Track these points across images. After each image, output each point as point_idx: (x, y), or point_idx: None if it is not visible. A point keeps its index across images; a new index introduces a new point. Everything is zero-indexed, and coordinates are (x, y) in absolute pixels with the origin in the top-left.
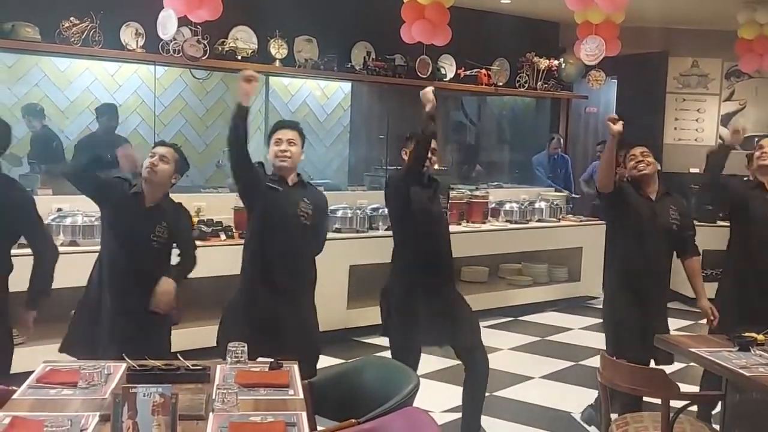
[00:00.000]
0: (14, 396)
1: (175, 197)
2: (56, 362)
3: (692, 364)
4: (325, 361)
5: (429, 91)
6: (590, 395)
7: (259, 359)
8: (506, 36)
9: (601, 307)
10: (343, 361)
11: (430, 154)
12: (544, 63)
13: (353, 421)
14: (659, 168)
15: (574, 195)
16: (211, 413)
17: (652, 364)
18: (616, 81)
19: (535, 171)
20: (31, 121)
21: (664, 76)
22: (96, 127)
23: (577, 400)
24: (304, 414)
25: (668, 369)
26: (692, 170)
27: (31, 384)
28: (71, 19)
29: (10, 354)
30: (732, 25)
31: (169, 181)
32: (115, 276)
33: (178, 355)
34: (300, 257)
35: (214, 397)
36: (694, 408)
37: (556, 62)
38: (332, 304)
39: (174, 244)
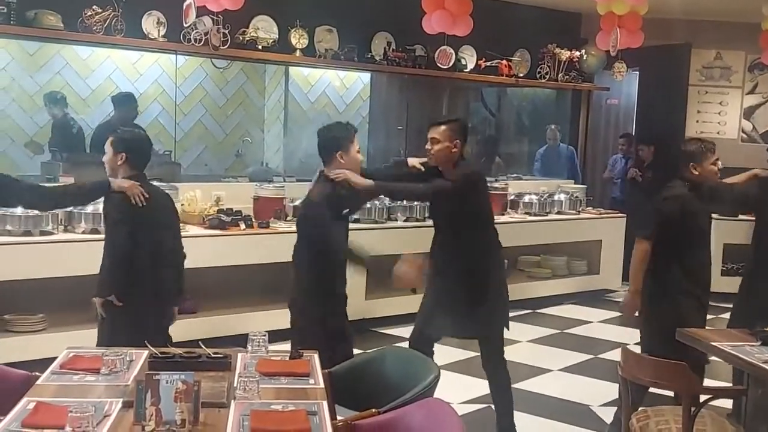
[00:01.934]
0: (38, 382)
1: (195, 185)
2: (79, 348)
3: (713, 359)
4: None
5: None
6: (609, 388)
7: (278, 348)
8: (527, 27)
9: (621, 300)
10: (361, 351)
11: (429, 145)
12: (565, 54)
13: (374, 411)
14: None
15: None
16: (233, 401)
17: None
18: (638, 73)
19: (534, 163)
20: (52, 108)
21: (686, 68)
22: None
23: (595, 392)
24: (324, 403)
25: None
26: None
27: (54, 370)
28: (93, 7)
29: None
30: (756, 17)
31: (115, 166)
32: None
33: (200, 342)
34: None
35: (235, 385)
36: (717, 403)
37: (577, 53)
38: (351, 294)
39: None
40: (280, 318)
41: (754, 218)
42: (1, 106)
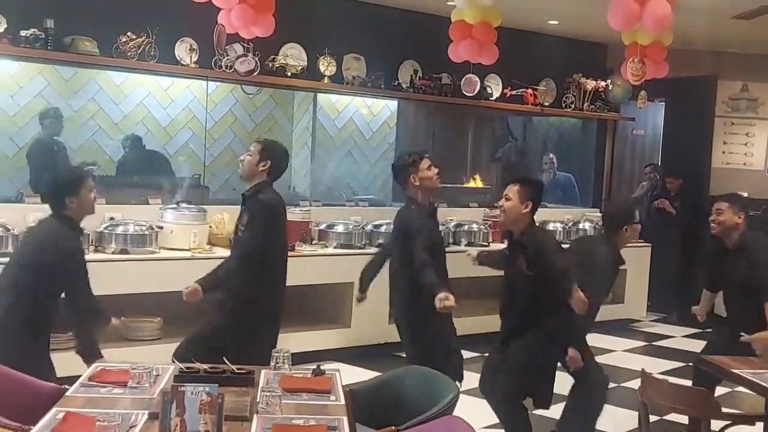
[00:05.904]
0: (67, 393)
1: (223, 208)
2: (107, 363)
3: (738, 389)
4: (364, 375)
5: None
6: (632, 417)
7: (303, 367)
8: (553, 56)
9: (648, 330)
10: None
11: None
12: (591, 84)
13: (393, 428)
14: None
15: None
16: (255, 415)
17: None
18: (664, 104)
19: None
20: (47, 127)
21: (713, 99)
22: (135, 143)
23: (618, 421)
24: (345, 419)
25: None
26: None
27: (83, 382)
28: (128, 33)
29: None
30: None
31: (254, 169)
32: None
33: (225, 358)
34: None
35: (258, 400)
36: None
37: (603, 83)
38: (373, 318)
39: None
40: (305, 340)
41: None
42: (36, 130)
